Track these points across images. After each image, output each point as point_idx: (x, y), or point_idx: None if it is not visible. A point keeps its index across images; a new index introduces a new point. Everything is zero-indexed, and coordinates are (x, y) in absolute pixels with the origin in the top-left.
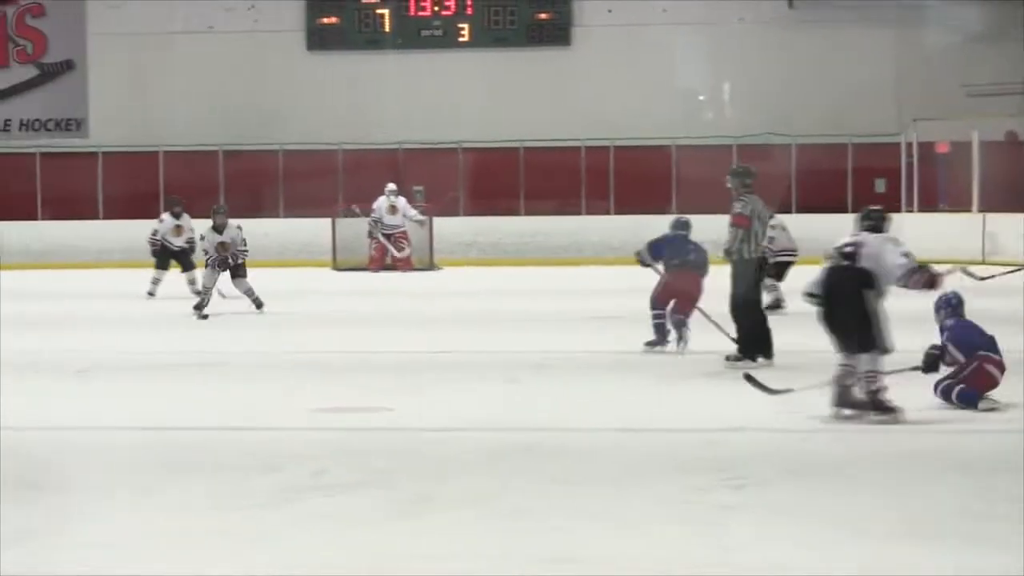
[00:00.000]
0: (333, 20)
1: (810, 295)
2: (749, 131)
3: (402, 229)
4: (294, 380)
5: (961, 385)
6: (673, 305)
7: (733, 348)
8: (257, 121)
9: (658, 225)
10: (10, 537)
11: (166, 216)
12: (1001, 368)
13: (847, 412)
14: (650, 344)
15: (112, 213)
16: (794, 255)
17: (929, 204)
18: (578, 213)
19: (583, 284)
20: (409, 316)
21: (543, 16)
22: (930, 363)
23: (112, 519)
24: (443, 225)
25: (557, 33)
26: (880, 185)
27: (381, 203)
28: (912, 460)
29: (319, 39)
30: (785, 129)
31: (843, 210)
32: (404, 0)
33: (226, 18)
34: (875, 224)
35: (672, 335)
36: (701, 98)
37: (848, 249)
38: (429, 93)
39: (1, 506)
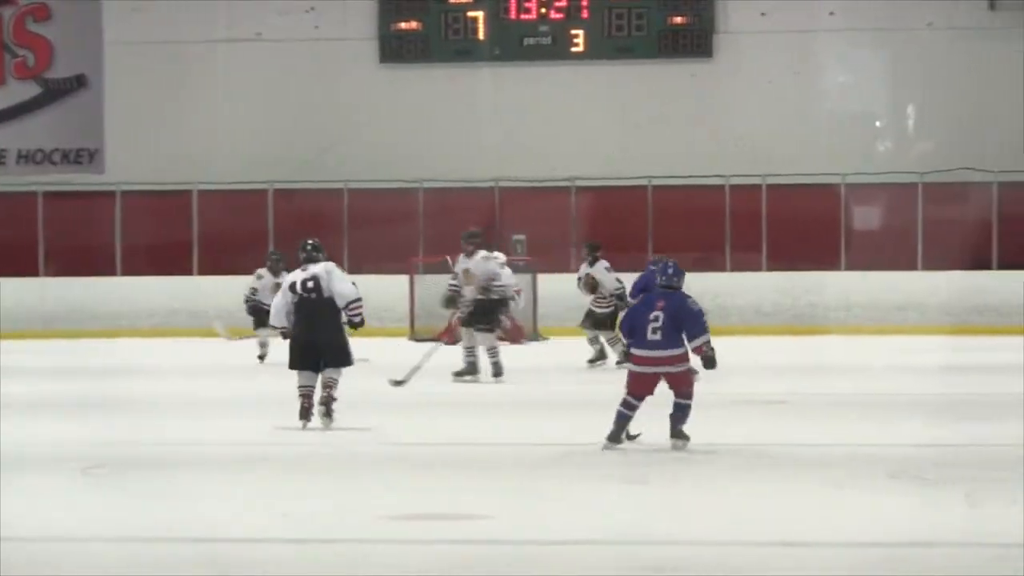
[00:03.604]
0: (413, 25)
1: None
2: (939, 166)
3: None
4: (370, 479)
5: None
6: None
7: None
8: (317, 152)
9: (824, 283)
10: None
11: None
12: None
13: None
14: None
15: (134, 268)
16: None
17: None
18: (722, 269)
19: (728, 360)
20: (506, 398)
21: (678, 20)
22: None
23: None
24: (549, 284)
25: (696, 42)
26: None
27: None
28: None
29: (395, 49)
30: (985, 164)
31: None
32: (503, 0)
33: (279, 23)
34: None
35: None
36: (878, 124)
37: None
38: (534, 117)
39: None
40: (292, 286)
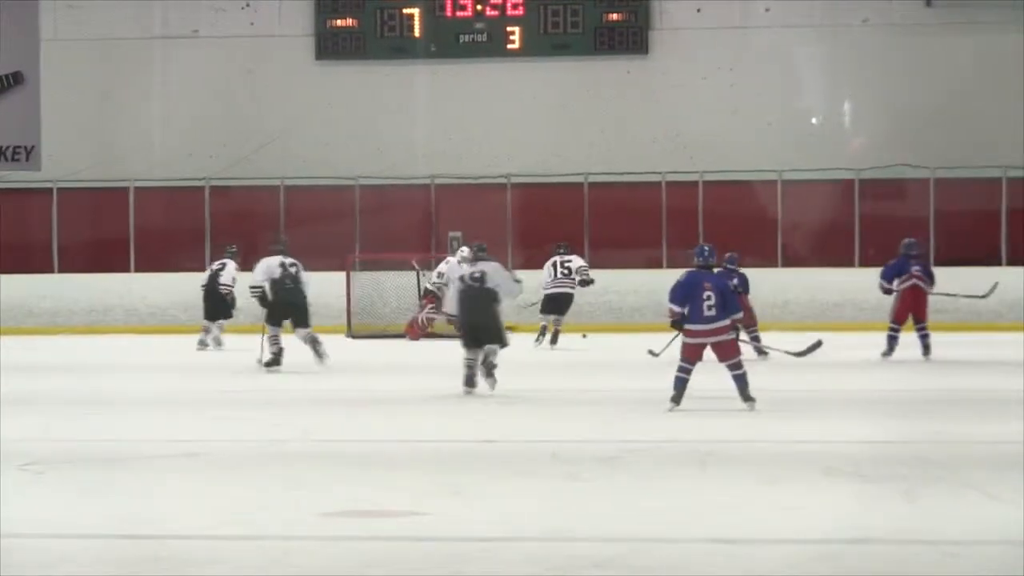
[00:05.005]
0: (349, 22)
1: None
2: (876, 162)
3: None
4: (300, 475)
5: None
6: None
7: None
8: (253, 149)
9: (761, 279)
10: None
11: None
12: None
13: None
14: None
15: (71, 265)
16: None
17: None
18: (659, 266)
19: (665, 356)
20: (441, 396)
21: (614, 17)
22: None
23: None
24: None
25: (632, 38)
26: None
27: (452, 269)
28: None
29: (331, 46)
30: (922, 160)
31: (996, 261)
32: None
33: (215, 20)
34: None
35: None
36: (815, 120)
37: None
38: (470, 114)
39: None
40: (461, 277)
